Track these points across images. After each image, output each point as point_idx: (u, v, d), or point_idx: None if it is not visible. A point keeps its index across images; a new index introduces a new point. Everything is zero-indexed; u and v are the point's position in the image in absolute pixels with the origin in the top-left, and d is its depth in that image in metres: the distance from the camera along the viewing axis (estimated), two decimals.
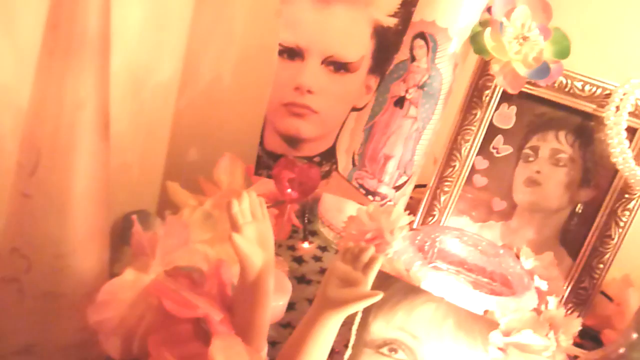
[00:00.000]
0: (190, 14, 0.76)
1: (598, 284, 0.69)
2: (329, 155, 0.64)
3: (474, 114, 0.68)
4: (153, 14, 0.71)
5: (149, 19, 0.71)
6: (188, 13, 0.76)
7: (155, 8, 0.71)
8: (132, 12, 0.69)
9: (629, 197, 0.66)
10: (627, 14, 0.75)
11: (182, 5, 0.75)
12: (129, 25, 0.70)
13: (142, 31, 0.71)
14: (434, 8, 0.63)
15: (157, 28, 0.73)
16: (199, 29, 0.78)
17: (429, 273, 0.54)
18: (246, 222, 0.49)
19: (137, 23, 0.70)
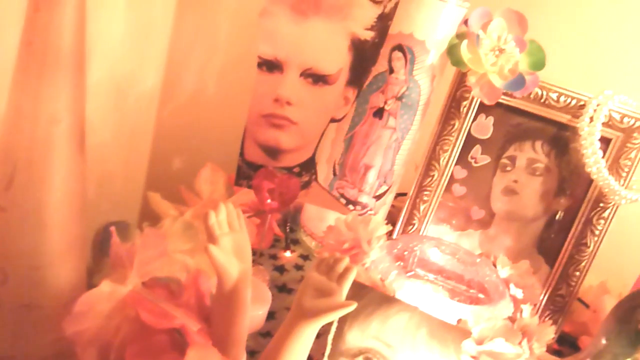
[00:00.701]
0: (172, 24, 0.77)
1: (575, 291, 0.70)
2: (309, 165, 0.65)
3: (452, 124, 0.69)
4: (135, 25, 0.72)
5: (130, 30, 0.72)
6: (170, 24, 0.77)
7: (137, 19, 0.72)
8: (113, 23, 0.70)
9: (603, 206, 0.67)
10: (600, 27, 0.77)
11: (163, 16, 0.76)
12: (111, 36, 0.70)
13: (124, 42, 0.72)
14: (412, 21, 0.64)
15: (139, 39, 0.74)
16: (182, 39, 0.78)
17: (405, 282, 0.55)
18: (223, 233, 0.50)
19: (119, 34, 0.71)
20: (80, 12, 0.39)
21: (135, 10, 0.72)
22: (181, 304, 0.51)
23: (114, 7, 0.70)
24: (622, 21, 0.78)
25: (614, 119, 0.65)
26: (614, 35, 0.78)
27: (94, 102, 0.72)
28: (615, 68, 0.77)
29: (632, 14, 0.77)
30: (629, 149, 0.66)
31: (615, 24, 0.78)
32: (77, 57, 0.40)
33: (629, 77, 0.76)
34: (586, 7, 0.79)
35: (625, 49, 0.77)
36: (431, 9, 0.63)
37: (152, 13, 0.75)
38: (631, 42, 0.78)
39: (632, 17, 0.77)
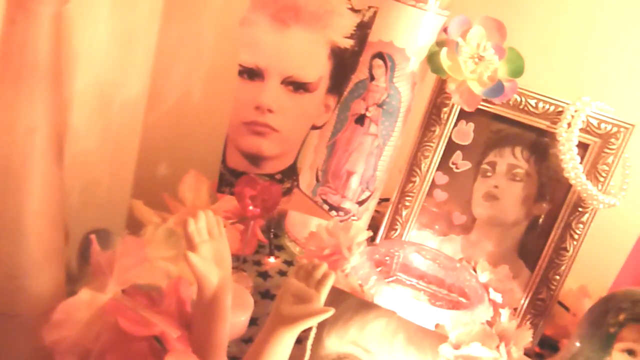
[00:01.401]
0: (157, 31, 0.77)
1: (555, 295, 0.70)
2: (290, 172, 0.66)
3: (433, 130, 0.70)
4: (119, 32, 0.73)
5: (115, 37, 0.72)
6: (155, 31, 0.77)
7: (121, 26, 0.72)
8: (98, 30, 0.70)
9: (582, 210, 0.68)
10: (578, 34, 0.78)
11: (148, 23, 0.76)
12: (96, 44, 0.71)
13: (109, 49, 0.73)
14: (392, 29, 0.65)
15: (123, 46, 0.74)
16: (167, 46, 0.79)
17: (384, 288, 0.55)
18: (202, 240, 0.50)
19: (104, 41, 0.71)
20: (57, 24, 0.40)
21: (120, 18, 0.72)
22: (161, 311, 0.52)
23: (99, 14, 0.70)
24: (599, 29, 0.79)
25: (592, 125, 0.66)
26: (592, 43, 0.79)
27: (79, 109, 0.73)
28: (592, 75, 0.79)
29: (608, 22, 0.79)
30: (607, 154, 0.67)
31: (592, 32, 0.79)
32: (53, 68, 0.40)
33: (606, 83, 0.77)
34: (564, 15, 0.80)
35: (603, 56, 0.79)
36: (411, 17, 0.64)
37: (137, 20, 0.75)
38: (608, 49, 0.79)
39: (608, 25, 0.79)
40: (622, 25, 0.78)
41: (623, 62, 0.78)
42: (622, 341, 0.48)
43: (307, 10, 0.59)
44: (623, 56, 0.78)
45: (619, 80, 0.78)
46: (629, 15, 0.77)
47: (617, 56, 0.78)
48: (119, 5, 0.71)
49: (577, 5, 0.79)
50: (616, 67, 0.79)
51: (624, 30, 0.78)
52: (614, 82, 0.78)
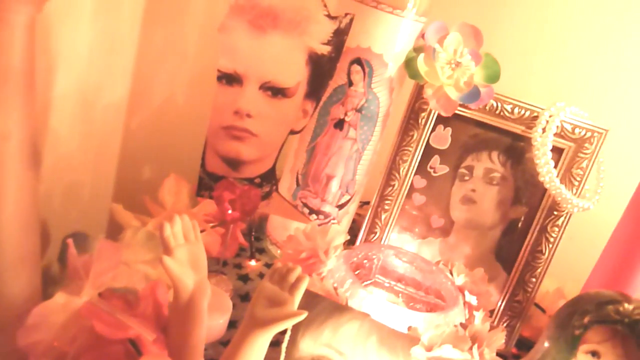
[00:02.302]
0: (139, 36, 0.78)
1: (531, 297, 0.72)
2: (269, 176, 0.66)
3: (411, 135, 0.71)
4: (101, 36, 0.73)
5: (97, 42, 0.73)
6: (137, 35, 0.78)
7: (103, 30, 0.73)
8: (79, 35, 0.71)
9: (557, 214, 0.69)
10: (553, 41, 0.80)
11: (130, 28, 0.77)
12: (77, 47, 0.71)
13: (91, 53, 0.73)
14: (370, 35, 0.66)
15: (105, 50, 0.75)
16: (149, 50, 0.79)
17: (359, 291, 0.56)
18: (178, 244, 0.51)
19: (85, 45, 0.72)
20: (30, 33, 0.40)
21: (102, 22, 0.73)
22: (137, 314, 0.52)
23: (80, 18, 0.70)
24: (573, 36, 0.80)
25: (566, 129, 0.68)
26: (566, 49, 0.81)
27: (60, 113, 0.73)
28: (567, 80, 0.80)
29: (582, 30, 0.80)
30: (581, 158, 0.68)
31: (566, 39, 0.81)
32: (27, 75, 0.41)
33: (580, 89, 0.79)
34: (539, 23, 0.81)
35: (577, 62, 0.80)
36: (388, 23, 0.65)
37: (119, 25, 0.76)
38: (582, 56, 0.80)
39: (582, 33, 0.80)
40: (594, 33, 0.80)
41: (597, 68, 0.80)
42: (586, 343, 0.49)
43: (284, 17, 0.59)
44: (597, 62, 0.80)
45: (592, 85, 0.79)
46: (601, 23, 0.79)
47: (591, 62, 0.80)
48: (101, 9, 0.71)
49: (551, 12, 0.81)
50: (590, 73, 0.80)
51: (597, 37, 0.79)
52: (588, 88, 0.79)
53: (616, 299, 0.48)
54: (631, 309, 0.47)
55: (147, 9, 0.77)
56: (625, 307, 0.47)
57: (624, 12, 0.78)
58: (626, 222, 0.61)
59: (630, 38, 0.78)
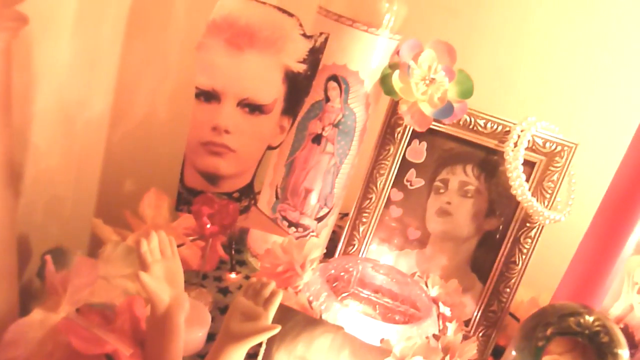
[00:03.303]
0: (121, 51, 0.79)
1: (506, 306, 0.73)
2: (248, 190, 0.67)
3: (388, 149, 0.72)
4: (82, 52, 0.74)
5: (78, 57, 0.74)
6: (118, 50, 0.78)
7: (84, 45, 0.74)
8: (61, 50, 0.72)
9: (530, 225, 0.71)
10: (524, 59, 0.82)
11: (112, 43, 0.78)
12: (58, 63, 0.72)
13: (71, 68, 0.74)
14: (345, 53, 0.67)
15: (86, 65, 0.76)
16: (132, 65, 0.80)
17: (334, 304, 0.57)
18: (155, 260, 0.52)
19: (66, 60, 0.73)
20: (7, 57, 0.41)
21: (83, 37, 0.73)
22: (115, 329, 0.53)
23: (61, 34, 0.71)
24: (543, 53, 0.83)
25: (537, 143, 0.69)
26: (537, 66, 0.83)
27: (41, 128, 0.74)
28: (538, 95, 0.82)
29: (552, 47, 0.82)
30: (552, 171, 0.70)
31: (537, 56, 0.83)
32: (3, 99, 0.42)
33: (551, 104, 0.81)
34: (511, 40, 0.83)
35: (548, 78, 0.82)
36: (364, 41, 0.67)
37: (100, 40, 0.77)
38: (553, 72, 0.83)
39: (553, 50, 0.82)
40: (564, 50, 0.82)
41: (567, 84, 0.82)
42: (549, 354, 0.51)
43: (261, 36, 0.61)
44: (567, 78, 0.82)
45: (563, 101, 0.82)
46: (571, 41, 0.81)
47: (561, 78, 0.82)
48: (82, 24, 0.72)
49: (523, 30, 0.83)
50: (561, 88, 0.82)
51: (567, 54, 0.82)
52: (558, 103, 0.81)
53: (577, 312, 0.50)
54: (591, 321, 0.49)
55: (129, 25, 0.78)
56: (585, 320, 0.49)
57: (593, 29, 0.81)
58: (591, 234, 0.63)
59: (599, 55, 0.81)
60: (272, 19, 0.60)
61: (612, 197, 0.61)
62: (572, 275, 0.64)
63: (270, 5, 0.60)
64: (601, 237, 0.61)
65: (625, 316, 0.69)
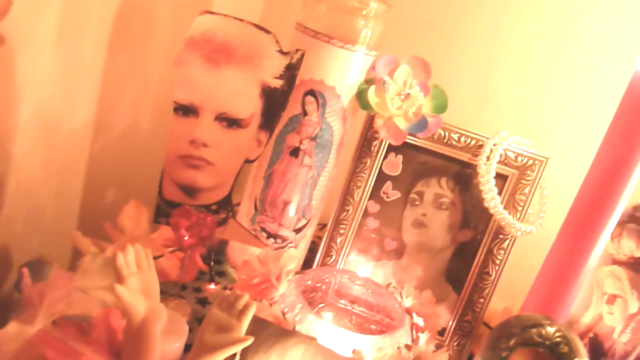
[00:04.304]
0: (104, 62, 0.80)
1: (480, 317, 0.75)
2: (225, 203, 0.69)
3: (365, 162, 0.74)
4: (65, 63, 0.75)
5: (60, 68, 0.75)
6: (101, 62, 0.79)
7: (66, 57, 0.75)
8: (43, 62, 0.72)
9: (503, 237, 0.73)
10: (497, 75, 0.84)
11: (94, 54, 0.79)
12: (40, 74, 0.73)
13: (54, 80, 0.75)
14: (322, 68, 0.69)
15: (69, 76, 0.77)
16: (114, 77, 0.81)
17: (308, 315, 0.58)
18: (131, 273, 0.53)
19: (48, 71, 0.74)
20: None
21: (65, 49, 0.74)
22: (91, 341, 0.54)
23: (43, 45, 0.72)
24: (516, 71, 0.85)
25: (509, 157, 0.71)
26: (513, 81, 0.85)
27: (22, 139, 0.74)
28: (513, 110, 0.84)
29: (524, 65, 0.85)
30: (524, 185, 0.72)
31: (513, 72, 0.85)
32: None
33: (523, 119, 0.83)
34: (485, 57, 0.86)
35: (520, 94, 0.85)
36: (340, 57, 0.68)
37: (82, 52, 0.78)
38: (525, 88, 0.85)
39: (524, 68, 0.85)
40: (535, 68, 0.84)
41: (539, 100, 0.84)
42: None
43: (238, 52, 0.62)
44: (539, 94, 0.84)
45: (534, 116, 0.84)
46: (542, 58, 0.84)
47: (533, 94, 0.85)
48: (64, 36, 0.73)
49: (495, 48, 0.85)
50: (532, 103, 0.85)
51: (540, 72, 0.84)
52: (530, 118, 0.83)
53: (540, 323, 0.51)
54: (552, 332, 0.50)
55: (111, 37, 0.79)
56: (547, 331, 0.50)
57: (563, 46, 0.83)
58: (558, 245, 0.65)
59: (569, 72, 0.83)
60: (249, 35, 0.62)
61: (577, 210, 0.63)
62: (539, 286, 0.66)
63: (247, 23, 0.62)
64: (567, 249, 0.63)
65: (595, 325, 0.71)
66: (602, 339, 0.70)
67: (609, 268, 0.70)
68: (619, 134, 0.59)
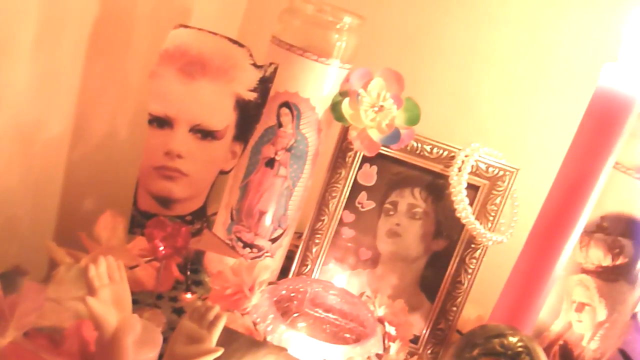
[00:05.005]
0: (81, 71, 0.80)
1: (453, 325, 0.76)
2: (200, 213, 0.69)
3: (339, 172, 0.75)
4: (41, 72, 0.75)
5: (37, 78, 0.75)
6: (79, 70, 0.80)
7: (43, 65, 0.75)
8: (19, 71, 0.73)
9: (475, 247, 0.74)
10: (471, 87, 0.86)
11: (72, 63, 0.79)
12: (16, 83, 0.73)
13: (31, 90, 0.75)
14: (297, 81, 0.70)
15: (45, 85, 0.77)
16: (92, 85, 0.82)
17: (280, 325, 0.59)
18: (102, 284, 0.54)
19: (25, 80, 0.74)
20: None
21: (42, 58, 0.74)
22: (63, 352, 0.54)
23: (19, 54, 0.72)
24: (490, 83, 0.87)
25: (481, 168, 0.73)
26: (484, 95, 0.87)
27: (0, 148, 0.74)
28: (484, 123, 0.86)
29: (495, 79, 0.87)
30: (495, 195, 0.73)
31: (484, 86, 0.87)
32: None
33: (496, 131, 0.85)
34: (459, 70, 0.88)
35: (492, 106, 0.87)
36: (314, 70, 0.70)
37: (60, 60, 0.78)
38: (497, 101, 0.87)
39: (495, 82, 0.87)
40: (507, 80, 0.86)
41: (510, 113, 0.86)
42: None
43: (212, 65, 0.63)
44: (510, 107, 0.86)
45: (505, 128, 0.86)
46: (512, 71, 0.86)
47: (504, 107, 0.87)
48: (41, 44, 0.73)
49: (466, 61, 0.87)
50: (504, 116, 0.86)
51: (509, 84, 0.86)
52: (501, 130, 0.85)
53: (502, 333, 0.53)
54: (514, 342, 0.52)
55: (89, 47, 0.79)
56: (509, 340, 0.52)
57: (534, 61, 0.85)
58: (524, 254, 0.67)
59: (540, 85, 0.85)
60: (223, 49, 0.63)
61: (543, 220, 0.65)
62: (507, 294, 0.67)
63: (221, 36, 0.63)
64: (532, 258, 0.65)
65: (565, 333, 0.73)
66: (571, 346, 0.72)
67: (578, 277, 0.71)
68: (581, 147, 0.60)
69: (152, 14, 0.86)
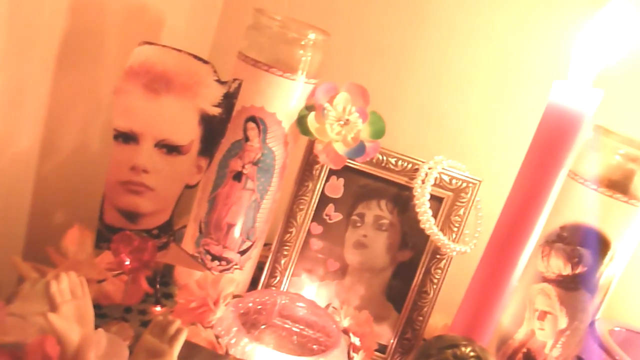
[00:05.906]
0: (51, 82, 0.80)
1: (419, 334, 0.77)
2: (167, 227, 0.70)
3: (307, 185, 0.76)
4: (9, 84, 0.75)
5: (5, 89, 0.75)
6: (48, 82, 0.80)
7: (10, 79, 0.75)
8: None
9: (440, 257, 0.76)
10: (436, 102, 0.88)
11: (41, 74, 0.79)
12: None
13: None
14: (263, 95, 0.71)
15: (14, 98, 0.77)
16: (62, 98, 0.82)
17: (243, 338, 0.60)
18: (64, 300, 0.54)
19: None
20: None
21: (10, 70, 0.74)
22: None
23: None
24: (455, 97, 0.89)
25: (444, 180, 0.74)
26: (448, 109, 0.89)
27: None
28: (449, 136, 0.88)
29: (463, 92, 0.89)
30: (458, 206, 0.75)
31: (448, 100, 0.89)
32: None
33: (458, 144, 0.87)
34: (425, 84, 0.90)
35: (456, 121, 0.89)
36: (280, 86, 0.71)
37: (28, 73, 0.78)
38: (463, 114, 0.89)
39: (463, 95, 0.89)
40: (470, 95, 0.88)
41: (474, 126, 0.88)
42: None
43: (177, 81, 0.64)
44: (474, 121, 0.89)
45: (468, 140, 0.88)
46: (476, 85, 0.88)
47: (468, 121, 0.89)
48: (8, 57, 0.73)
49: (432, 75, 0.89)
50: (466, 129, 0.88)
51: (472, 98, 0.88)
52: (464, 143, 0.87)
53: (455, 344, 0.54)
54: (467, 352, 0.53)
55: (58, 59, 0.79)
56: (461, 351, 0.53)
57: (496, 75, 0.87)
58: (482, 264, 0.68)
59: (500, 101, 0.88)
60: (187, 65, 0.64)
61: (500, 230, 0.66)
62: (466, 303, 0.69)
63: (185, 53, 0.64)
64: (490, 268, 0.66)
65: (528, 341, 0.74)
66: (534, 354, 0.73)
67: (540, 286, 0.73)
68: (534, 159, 0.62)
69: (122, 28, 0.87)
